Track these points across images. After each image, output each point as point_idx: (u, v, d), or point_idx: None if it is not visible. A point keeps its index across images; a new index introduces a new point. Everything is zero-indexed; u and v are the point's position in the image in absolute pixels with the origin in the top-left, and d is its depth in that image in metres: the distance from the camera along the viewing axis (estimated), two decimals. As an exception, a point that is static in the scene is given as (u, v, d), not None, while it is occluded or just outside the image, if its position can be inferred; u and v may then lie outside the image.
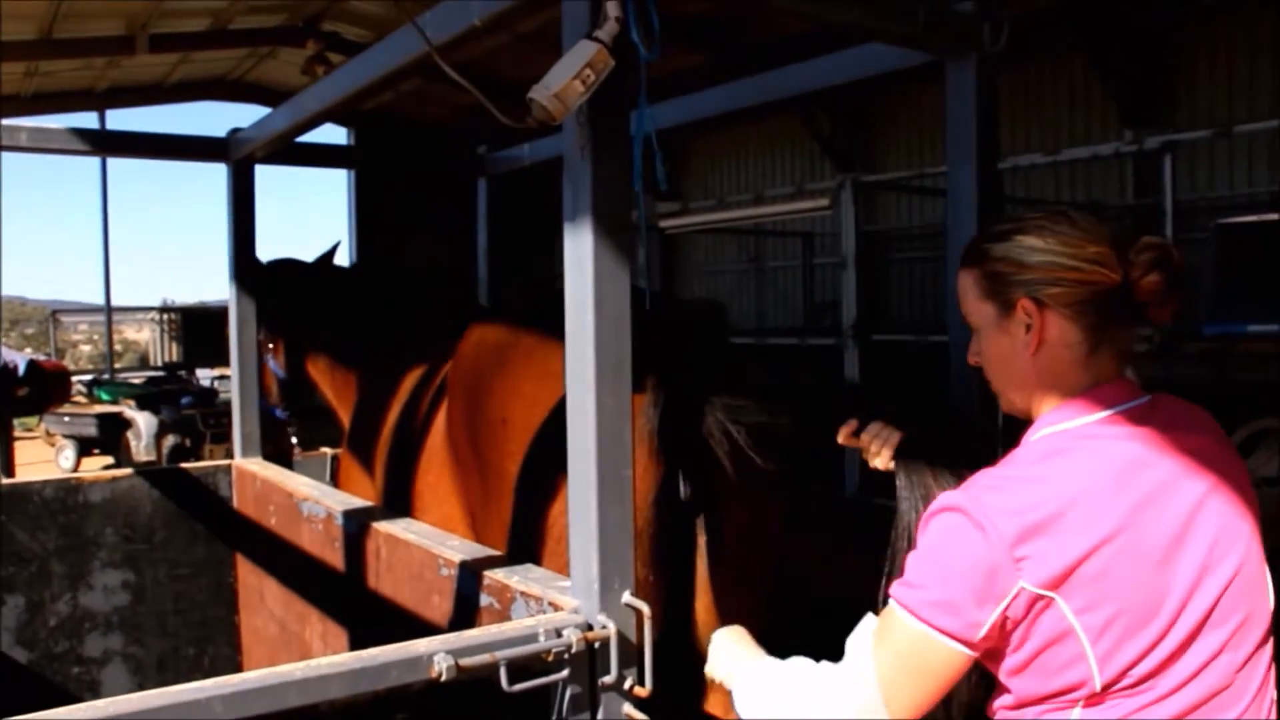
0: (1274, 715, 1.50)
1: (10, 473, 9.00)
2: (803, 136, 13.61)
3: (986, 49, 2.21)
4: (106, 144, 3.89)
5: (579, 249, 1.77)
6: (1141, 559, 1.39)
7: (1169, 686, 1.40)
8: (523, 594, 1.97)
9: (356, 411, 3.70)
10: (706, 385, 2.14)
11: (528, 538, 2.32)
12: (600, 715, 1.82)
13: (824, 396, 2.18)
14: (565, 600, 1.85)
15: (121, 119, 12.95)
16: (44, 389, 11.40)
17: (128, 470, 3.73)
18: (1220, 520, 1.45)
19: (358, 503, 2.88)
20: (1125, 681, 1.39)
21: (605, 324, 1.75)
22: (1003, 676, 1.46)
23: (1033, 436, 1.53)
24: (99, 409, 12.80)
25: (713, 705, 2.32)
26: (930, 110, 12.16)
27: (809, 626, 2.24)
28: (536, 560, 2.24)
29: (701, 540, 2.20)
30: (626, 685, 1.83)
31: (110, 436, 11.90)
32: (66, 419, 12.45)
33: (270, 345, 4.03)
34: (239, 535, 3.66)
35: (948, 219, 2.27)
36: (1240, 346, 6.51)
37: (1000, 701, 1.49)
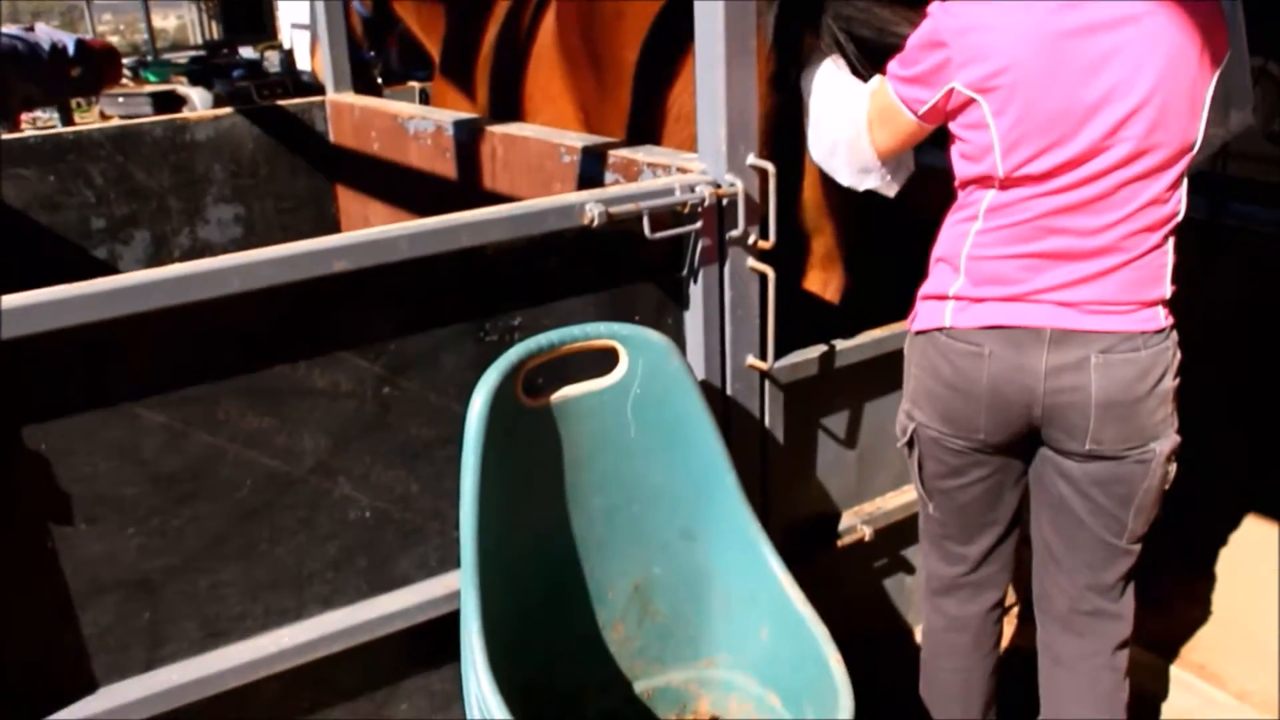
0: (1165, 229, 1.87)
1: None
2: None
3: None
4: None
5: None
6: (1053, 80, 1.76)
7: (1060, 185, 1.81)
8: (649, 164, 2.14)
9: (448, 37, 3.77)
10: None
11: (648, 120, 2.48)
12: (727, 266, 2.03)
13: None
14: (694, 165, 2.02)
15: None
16: (96, 68, 11.35)
17: (228, 110, 3.86)
18: (1149, 59, 1.75)
19: (467, 115, 3.03)
20: (1023, 173, 1.82)
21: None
22: (953, 160, 1.95)
23: None
24: (150, 88, 12.82)
25: (810, 282, 2.53)
26: None
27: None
28: (656, 143, 2.41)
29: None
30: (751, 240, 2.02)
31: (167, 114, 11.98)
32: (121, 100, 12.47)
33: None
34: (337, 167, 3.83)
35: None
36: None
37: (956, 182, 1.97)
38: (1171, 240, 1.88)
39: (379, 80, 4.43)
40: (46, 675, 1.68)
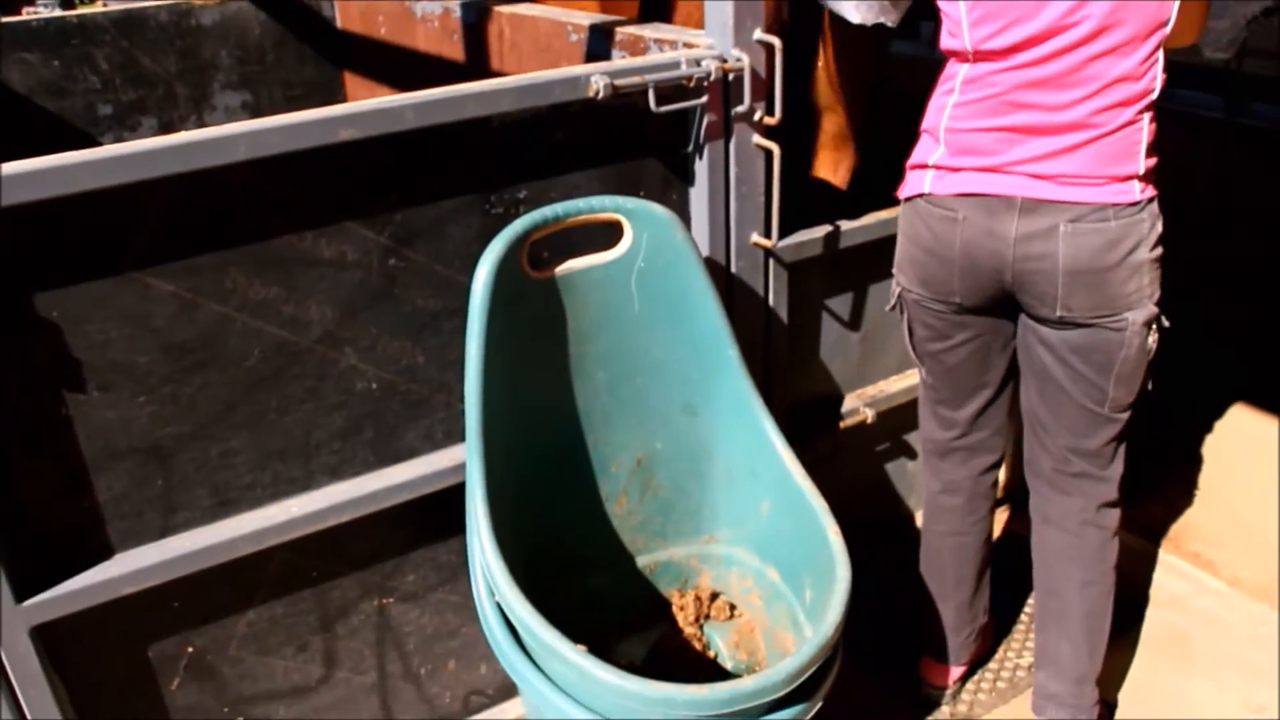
0: (1139, 105, 1.85)
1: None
2: None
3: None
4: None
5: None
6: None
7: (1025, 60, 1.83)
8: (656, 40, 2.13)
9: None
10: None
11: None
12: (733, 142, 2.03)
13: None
14: (700, 40, 2.01)
15: None
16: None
17: (233, -7, 3.82)
18: None
19: (473, -4, 3.00)
20: (988, 47, 1.85)
21: None
22: (941, 36, 1.96)
23: None
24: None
25: (820, 165, 2.52)
26: None
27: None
28: (669, 17, 2.39)
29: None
30: (757, 116, 2.02)
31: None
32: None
33: None
34: (344, 53, 3.80)
35: None
36: None
37: (942, 51, 1.99)
38: (1147, 115, 1.88)
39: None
40: (65, 541, 1.72)
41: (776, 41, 1.94)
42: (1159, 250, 1.93)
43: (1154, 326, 1.96)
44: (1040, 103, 1.85)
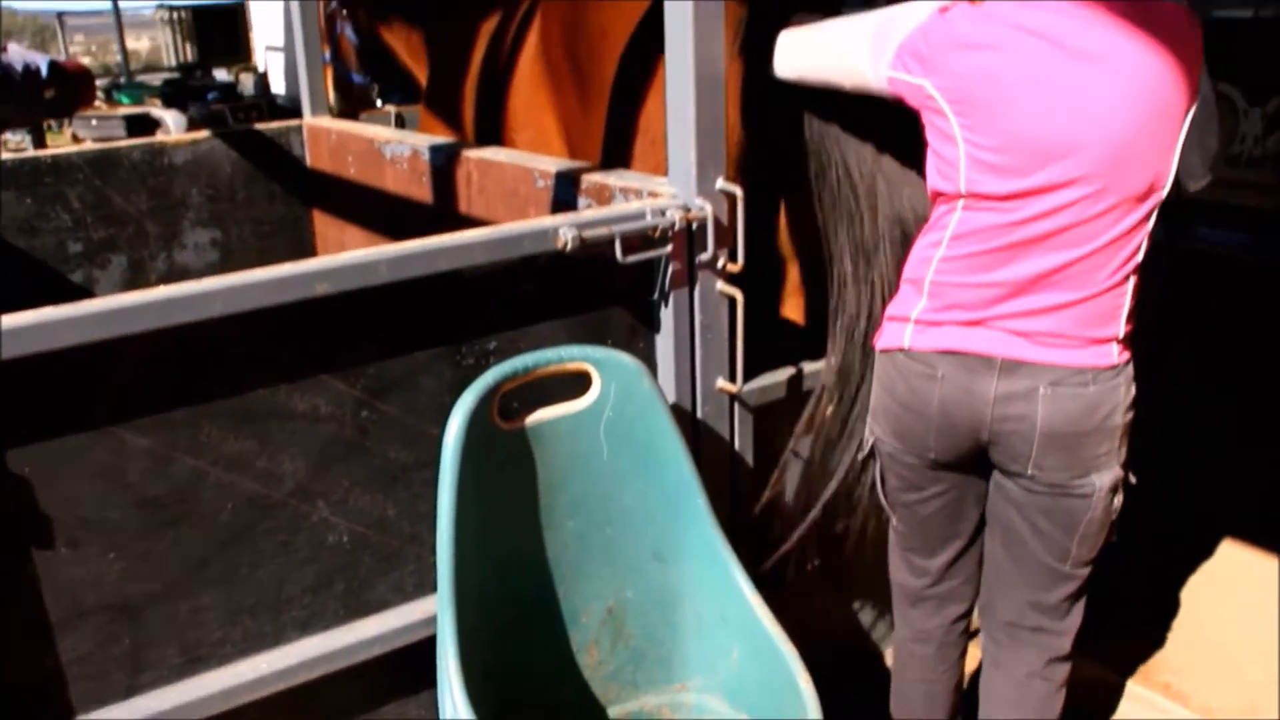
0: (1126, 268, 1.87)
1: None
2: None
3: None
4: None
5: None
6: (1025, 107, 1.78)
7: (1022, 217, 1.83)
8: (621, 189, 2.19)
9: (434, 65, 3.79)
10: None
11: (622, 139, 2.51)
12: (697, 289, 2.07)
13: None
14: (664, 189, 2.07)
15: None
16: (70, 90, 11.24)
17: (205, 133, 3.88)
18: (1123, 96, 1.76)
19: (442, 140, 3.06)
20: (983, 190, 1.85)
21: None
22: (927, 171, 1.97)
23: None
24: (124, 110, 12.75)
25: (788, 308, 2.57)
26: None
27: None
28: (628, 164, 2.45)
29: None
30: (721, 264, 2.07)
31: (140, 136, 11.94)
32: (94, 122, 12.38)
33: (342, 11, 4.07)
34: (313, 191, 3.85)
35: None
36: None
37: (929, 193, 1.99)
38: (1132, 280, 1.89)
39: (379, 102, 4.46)
40: (21, 705, 1.68)
41: (738, 191, 2.00)
42: (1132, 414, 1.94)
43: (1119, 489, 1.98)
44: (1033, 260, 1.85)
